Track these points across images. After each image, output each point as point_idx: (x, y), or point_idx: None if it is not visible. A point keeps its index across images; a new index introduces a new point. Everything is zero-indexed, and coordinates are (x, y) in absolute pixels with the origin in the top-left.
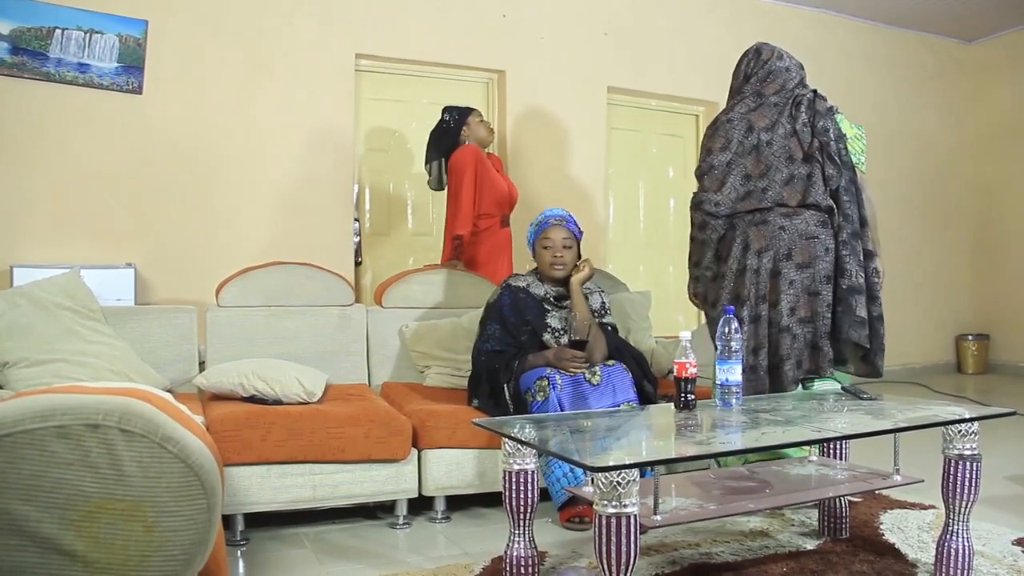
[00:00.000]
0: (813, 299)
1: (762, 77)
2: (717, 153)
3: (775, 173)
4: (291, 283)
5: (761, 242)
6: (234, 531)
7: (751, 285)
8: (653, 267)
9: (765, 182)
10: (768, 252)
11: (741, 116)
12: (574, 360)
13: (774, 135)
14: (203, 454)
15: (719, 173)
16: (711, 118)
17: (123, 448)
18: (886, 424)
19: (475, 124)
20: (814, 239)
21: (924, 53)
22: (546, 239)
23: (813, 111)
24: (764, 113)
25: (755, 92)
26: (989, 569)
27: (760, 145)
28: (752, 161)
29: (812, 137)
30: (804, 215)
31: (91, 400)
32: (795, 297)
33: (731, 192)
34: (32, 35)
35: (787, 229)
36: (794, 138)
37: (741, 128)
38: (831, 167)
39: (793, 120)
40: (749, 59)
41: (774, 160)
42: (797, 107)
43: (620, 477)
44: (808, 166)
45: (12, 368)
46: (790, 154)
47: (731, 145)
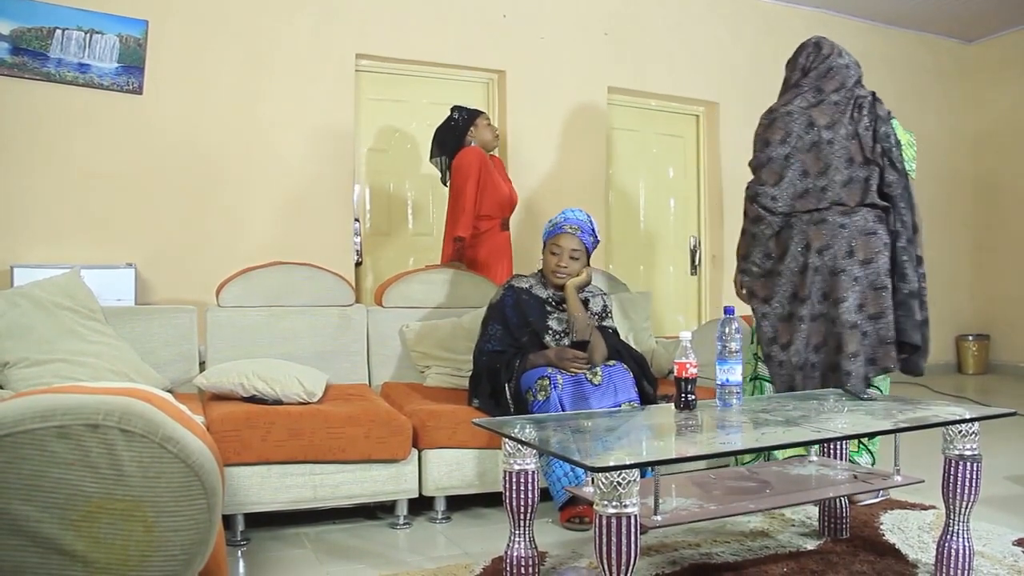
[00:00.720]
0: (879, 294)
1: (822, 72)
2: (776, 145)
3: (835, 173)
4: (291, 283)
5: (822, 240)
6: (234, 531)
7: (811, 283)
8: (653, 267)
9: (824, 181)
10: (829, 250)
11: (801, 110)
12: (575, 360)
13: (836, 135)
14: (203, 454)
15: (777, 167)
16: (712, 118)
17: (123, 448)
18: (886, 424)
19: (482, 127)
20: (873, 235)
21: (924, 53)
22: (555, 245)
23: (875, 115)
24: (825, 111)
25: (814, 88)
26: (989, 569)
27: (821, 143)
28: (811, 158)
29: (874, 142)
30: (862, 212)
31: (91, 400)
32: (861, 293)
33: (789, 187)
34: (32, 35)
35: (847, 227)
36: (855, 140)
37: (802, 122)
38: (892, 173)
39: (855, 122)
40: (808, 52)
41: (834, 160)
42: (859, 109)
43: (620, 477)
44: (867, 169)
45: (12, 368)
46: (850, 156)
47: (790, 139)
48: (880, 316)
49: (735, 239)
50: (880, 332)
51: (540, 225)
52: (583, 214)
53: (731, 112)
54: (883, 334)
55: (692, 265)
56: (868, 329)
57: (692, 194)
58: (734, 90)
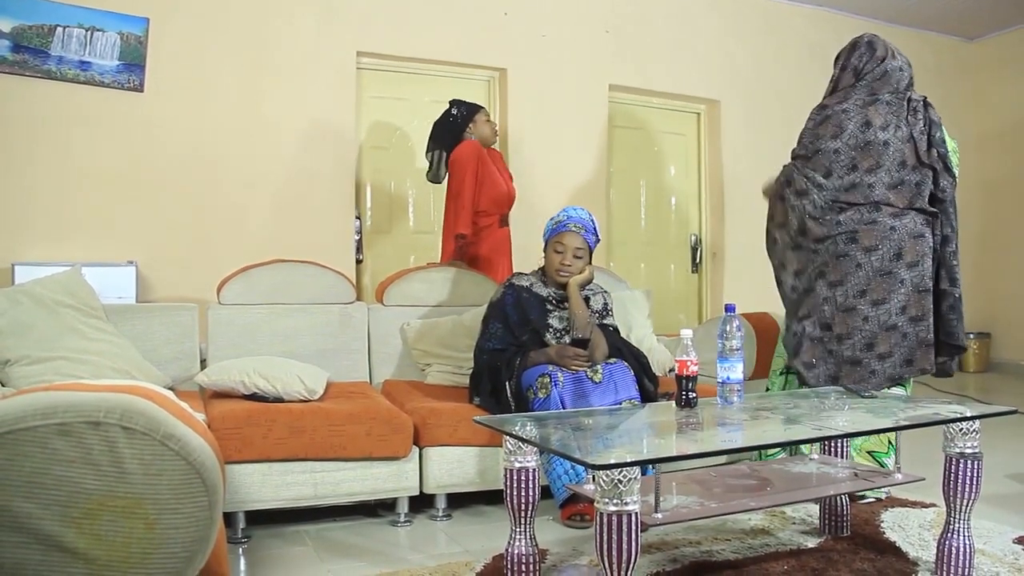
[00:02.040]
0: (922, 297)
1: (877, 76)
2: (827, 140)
3: (884, 174)
4: (292, 281)
5: (871, 240)
6: (235, 529)
7: (847, 274)
8: (654, 265)
9: (872, 178)
10: (877, 251)
11: (857, 108)
12: (576, 358)
13: (891, 136)
14: (204, 451)
15: (825, 159)
16: (713, 116)
17: (124, 445)
18: (887, 422)
19: (481, 123)
20: (921, 238)
21: (925, 51)
22: (559, 243)
23: (929, 120)
24: (880, 110)
25: (869, 89)
26: (990, 567)
27: (875, 143)
28: (862, 155)
29: (929, 147)
30: (911, 215)
31: (92, 398)
32: (906, 296)
33: (836, 180)
34: (33, 33)
35: (897, 229)
36: (910, 143)
37: (857, 120)
38: (947, 178)
39: (910, 126)
40: (861, 53)
41: (886, 161)
42: (914, 113)
43: (621, 475)
44: (918, 173)
45: (14, 366)
46: (903, 159)
47: (843, 135)
48: (921, 319)
49: (736, 237)
50: (920, 334)
51: (540, 223)
52: (585, 212)
53: (732, 110)
54: (923, 336)
55: (693, 263)
56: (909, 331)
57: (693, 192)
58: (735, 88)
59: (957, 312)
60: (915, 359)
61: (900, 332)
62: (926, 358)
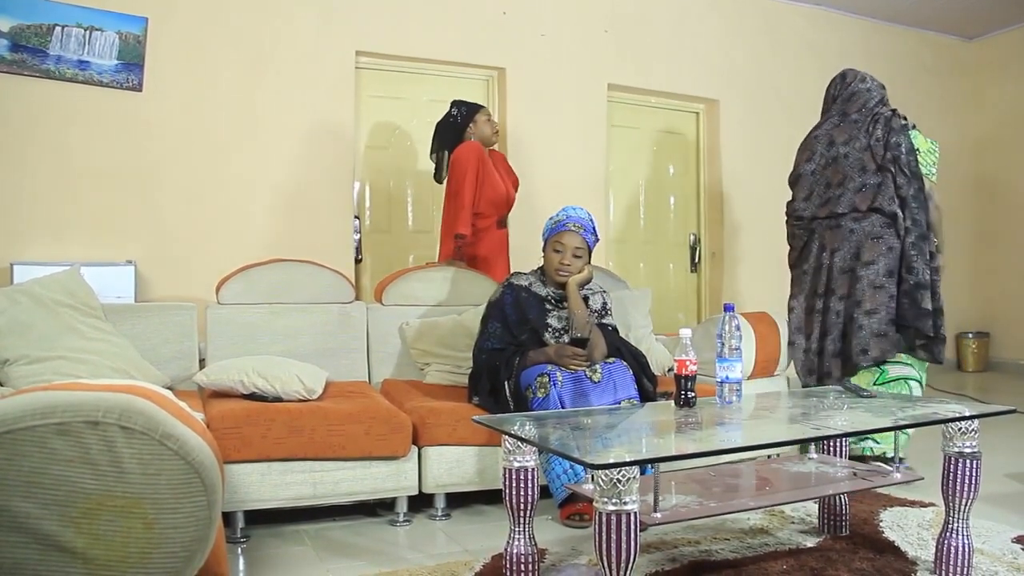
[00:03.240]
0: (877, 292)
1: (846, 97)
2: (803, 164)
3: (849, 182)
4: (291, 280)
5: (835, 243)
6: (234, 528)
7: (825, 281)
8: (653, 265)
9: (841, 190)
10: (839, 252)
11: (826, 132)
12: (575, 357)
13: (851, 148)
14: (203, 451)
15: (806, 183)
16: (712, 115)
17: (123, 445)
18: (886, 422)
19: (481, 123)
20: (879, 239)
21: (924, 51)
22: (558, 243)
23: (888, 128)
24: (844, 129)
25: (840, 112)
26: (989, 567)
27: (839, 157)
28: (832, 171)
29: (885, 151)
30: (871, 218)
31: (91, 397)
32: (861, 291)
33: (816, 199)
34: (32, 32)
35: (856, 231)
36: (868, 152)
37: (824, 142)
38: (901, 177)
39: (869, 135)
40: (835, 83)
41: (849, 170)
42: (875, 124)
43: (620, 474)
44: (879, 176)
45: (12, 365)
46: (863, 165)
47: (815, 157)
48: (874, 312)
49: (735, 237)
50: (873, 326)
51: (539, 222)
52: (584, 212)
53: (731, 109)
54: (875, 328)
55: (692, 262)
56: (864, 323)
57: (692, 191)
58: (734, 87)
59: (912, 298)
60: (869, 348)
61: (856, 324)
62: (877, 348)
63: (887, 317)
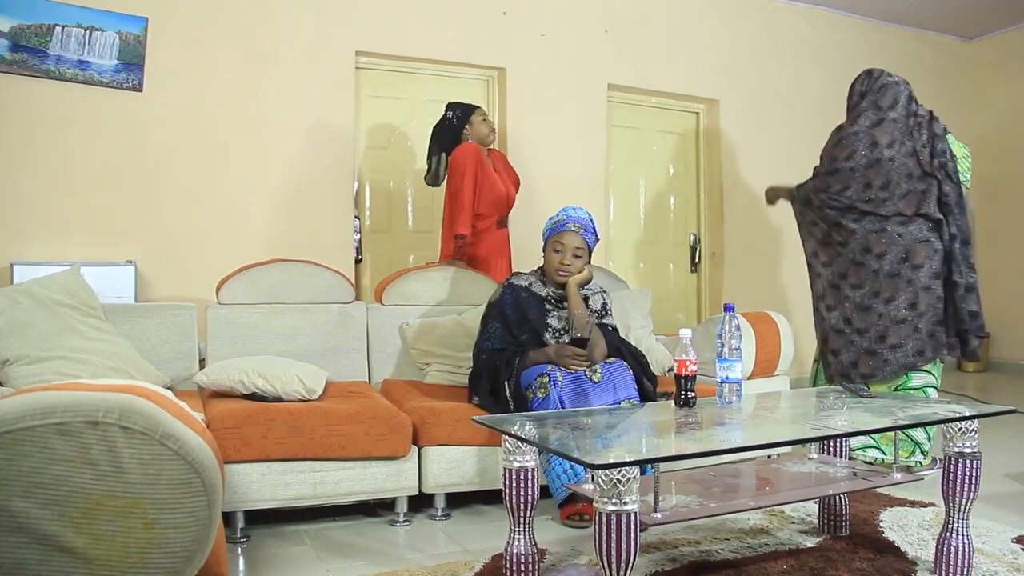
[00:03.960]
0: (927, 294)
1: (876, 90)
2: (842, 160)
3: (895, 187)
4: (291, 280)
5: (881, 247)
6: (234, 528)
7: (864, 277)
8: (653, 265)
9: (886, 194)
10: (886, 256)
11: (865, 130)
12: (575, 357)
13: (896, 153)
14: (203, 451)
15: (843, 177)
16: (712, 115)
17: (123, 445)
18: (886, 422)
19: (478, 123)
20: (926, 242)
21: (924, 50)
22: (558, 243)
23: (932, 133)
24: (886, 129)
25: (873, 105)
26: (989, 567)
27: (882, 160)
28: (873, 173)
29: (932, 157)
30: (917, 222)
31: (91, 397)
32: (914, 294)
33: (853, 193)
34: (32, 32)
35: (904, 235)
36: (913, 157)
37: (866, 141)
38: (949, 184)
39: (914, 140)
40: (862, 80)
41: (895, 175)
42: (918, 128)
43: (620, 474)
44: (924, 182)
45: (12, 365)
46: (909, 171)
47: (855, 156)
48: (926, 314)
49: (735, 237)
50: (927, 328)
51: (539, 222)
52: (584, 212)
53: (731, 109)
54: (929, 330)
55: (692, 263)
56: (920, 324)
57: (692, 191)
58: (735, 87)
59: (967, 300)
60: (925, 350)
61: (911, 325)
62: (933, 349)
63: (934, 318)
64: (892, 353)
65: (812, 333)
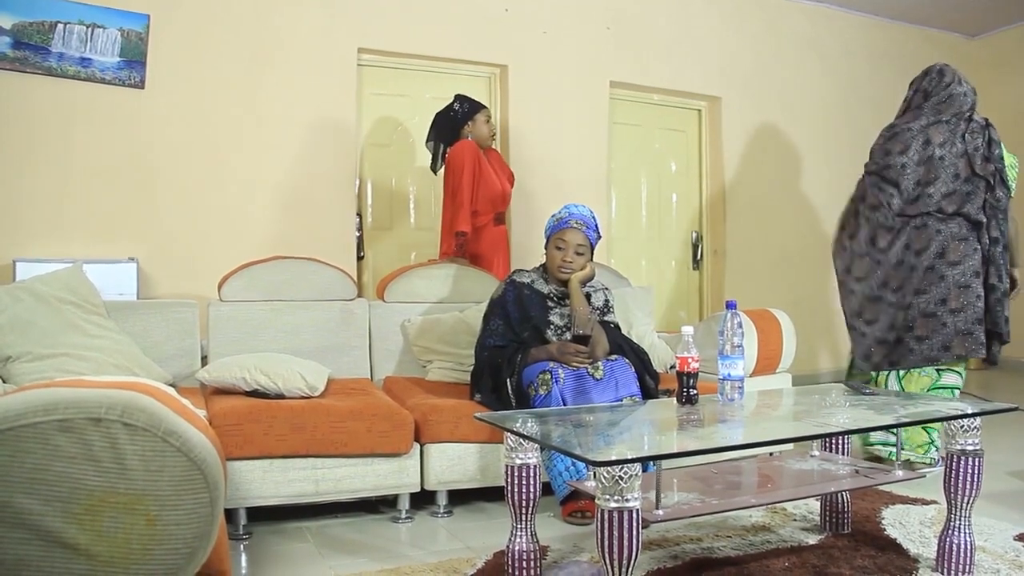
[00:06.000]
0: (963, 291)
1: (943, 98)
2: (896, 155)
3: (940, 185)
4: (293, 277)
5: (920, 243)
6: (237, 525)
7: (904, 278)
8: (655, 262)
9: (932, 189)
10: (926, 251)
11: (921, 128)
12: (577, 354)
13: (947, 152)
14: (205, 448)
15: (894, 173)
16: (714, 113)
17: (126, 442)
18: (888, 419)
19: (480, 123)
20: (964, 240)
21: (927, 48)
22: (560, 240)
23: (988, 138)
24: (940, 130)
25: (934, 110)
26: (991, 564)
27: (933, 158)
28: (923, 170)
29: (986, 161)
30: (957, 220)
31: (94, 394)
32: (946, 290)
33: (905, 193)
34: (34, 29)
35: (943, 232)
36: (964, 158)
37: (920, 139)
38: (1002, 189)
39: (966, 143)
40: (931, 78)
41: (943, 173)
42: (972, 132)
43: (622, 471)
44: (970, 185)
45: (15, 362)
46: (957, 171)
47: (909, 152)
48: (960, 311)
49: (737, 234)
50: (958, 324)
51: (540, 219)
52: (586, 209)
53: (734, 107)
54: (960, 327)
55: (694, 260)
56: (948, 320)
57: (694, 189)
58: (737, 85)
59: (1003, 305)
60: (952, 346)
61: (939, 321)
62: (962, 346)
63: (974, 316)
64: (918, 344)
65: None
